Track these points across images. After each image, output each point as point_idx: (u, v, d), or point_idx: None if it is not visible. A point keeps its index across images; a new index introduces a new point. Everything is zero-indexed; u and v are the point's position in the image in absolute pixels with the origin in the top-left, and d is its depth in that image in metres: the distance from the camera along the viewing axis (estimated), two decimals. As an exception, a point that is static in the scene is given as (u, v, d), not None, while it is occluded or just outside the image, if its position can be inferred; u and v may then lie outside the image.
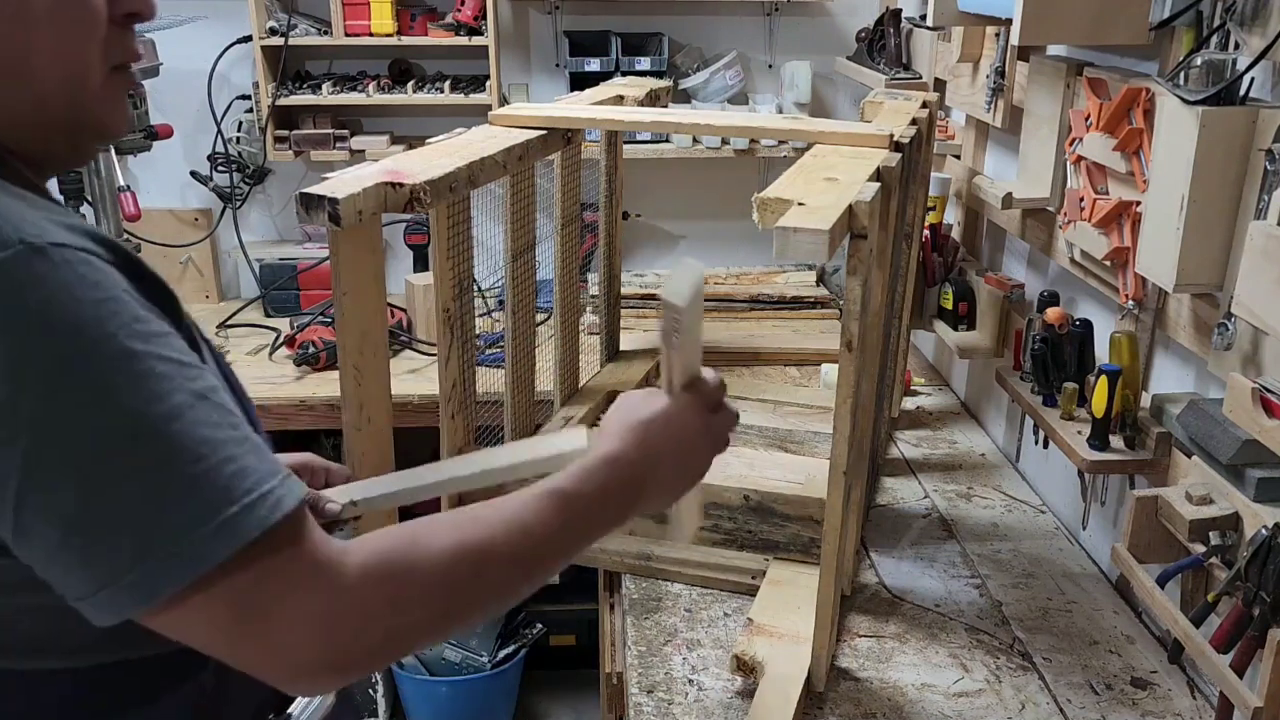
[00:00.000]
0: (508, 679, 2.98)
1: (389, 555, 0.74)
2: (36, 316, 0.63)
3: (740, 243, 3.12)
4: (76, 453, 0.64)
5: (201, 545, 0.66)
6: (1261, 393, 1.22)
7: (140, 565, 0.66)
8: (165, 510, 0.66)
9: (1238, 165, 1.34)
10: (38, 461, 0.64)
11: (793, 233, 1.12)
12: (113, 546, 0.65)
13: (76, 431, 0.64)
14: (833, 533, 1.38)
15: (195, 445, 0.67)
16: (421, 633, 0.76)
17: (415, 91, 2.84)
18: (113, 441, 0.65)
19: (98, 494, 0.65)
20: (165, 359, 0.68)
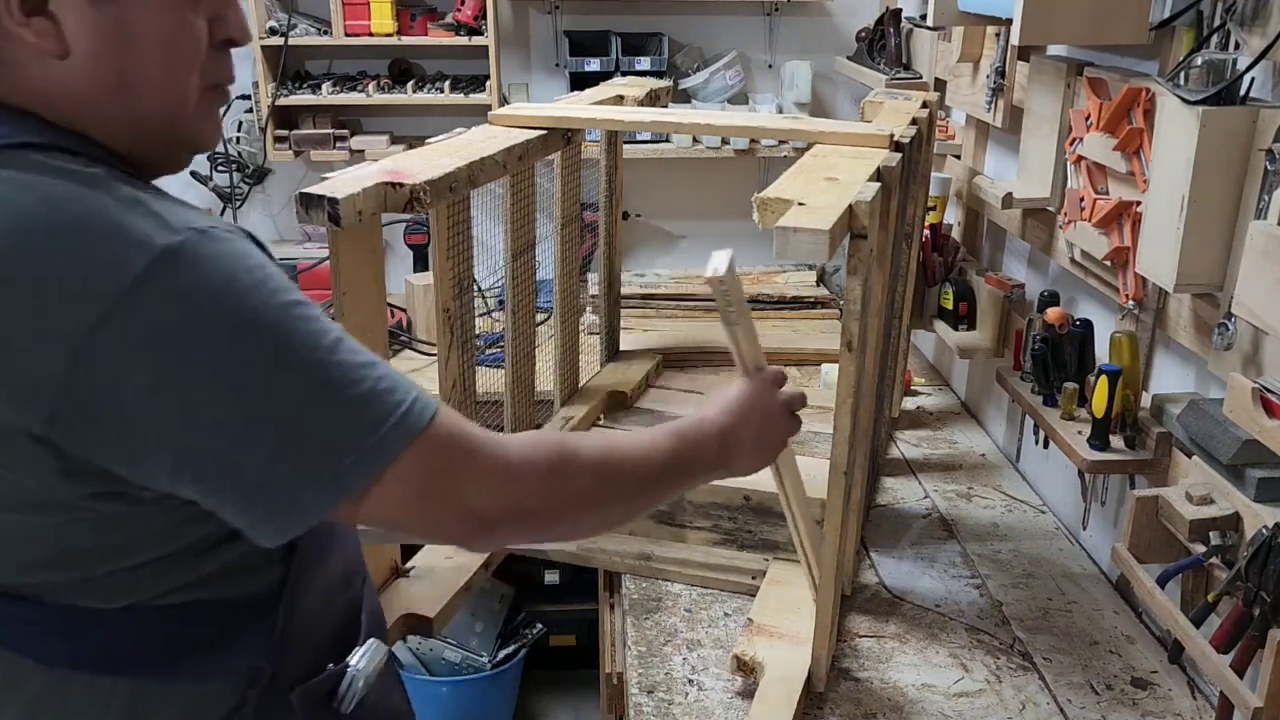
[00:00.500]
0: (508, 679, 2.98)
1: (545, 439, 0.91)
2: (221, 284, 0.74)
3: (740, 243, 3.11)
4: (277, 388, 0.76)
5: (397, 430, 0.79)
6: (1262, 393, 1.22)
7: (339, 462, 0.77)
8: (354, 416, 0.78)
9: (1238, 165, 1.34)
10: (249, 398, 0.75)
11: (793, 233, 1.12)
12: (315, 454, 0.77)
13: (274, 372, 0.75)
14: (833, 533, 1.38)
15: (361, 366, 0.80)
16: (573, 505, 0.92)
17: (415, 91, 2.84)
18: (302, 374, 0.77)
19: (298, 415, 0.77)
20: (311, 307, 0.80)
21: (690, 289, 2.92)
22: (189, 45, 0.82)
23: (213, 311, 0.73)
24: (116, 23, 0.78)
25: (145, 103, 0.81)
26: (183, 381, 0.73)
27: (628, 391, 2.18)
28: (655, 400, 2.23)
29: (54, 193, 0.73)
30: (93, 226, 0.72)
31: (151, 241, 0.73)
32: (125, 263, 0.71)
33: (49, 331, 0.71)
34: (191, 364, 0.73)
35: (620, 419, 2.13)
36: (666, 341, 2.52)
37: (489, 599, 3.00)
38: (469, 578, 1.61)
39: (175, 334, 0.72)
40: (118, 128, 0.81)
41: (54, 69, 0.78)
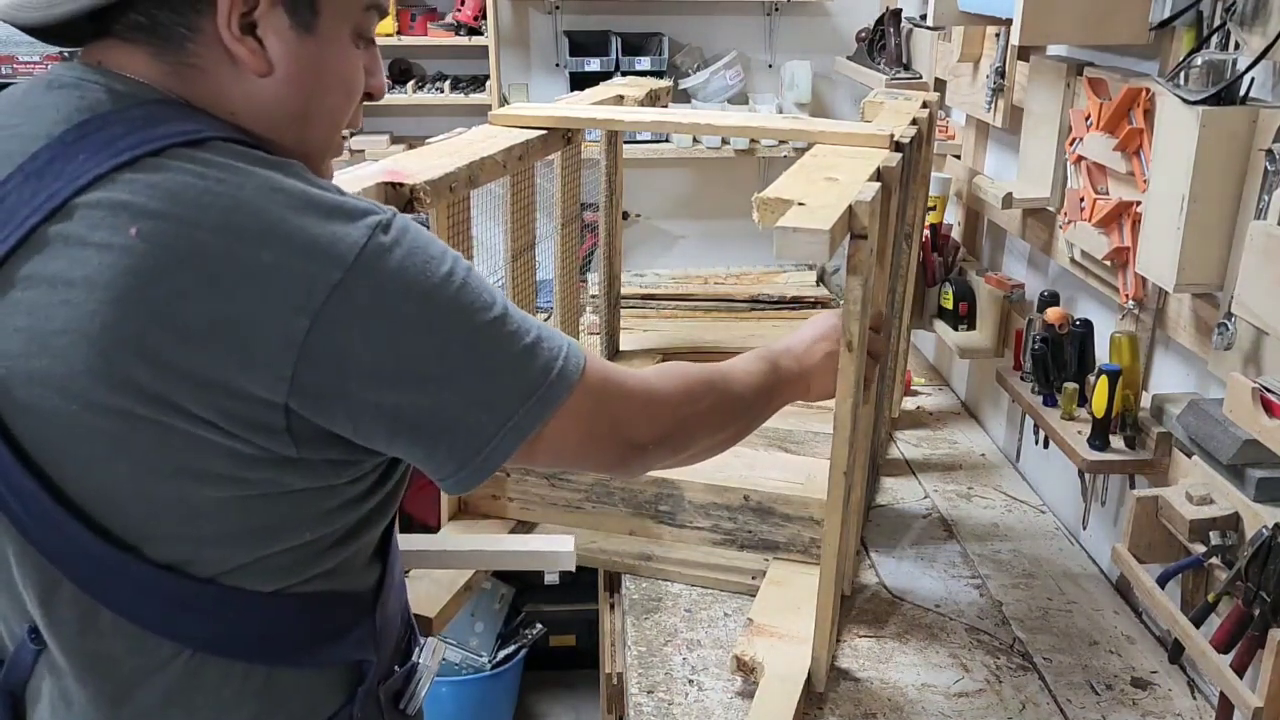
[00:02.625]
0: (508, 679, 2.98)
1: (673, 371, 1.05)
2: (423, 255, 0.83)
3: (740, 243, 3.12)
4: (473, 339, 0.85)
5: (562, 376, 0.89)
6: (1262, 393, 1.22)
7: (525, 403, 0.87)
8: (529, 366, 0.87)
9: (1238, 165, 1.34)
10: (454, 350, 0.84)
11: (793, 233, 1.12)
12: (506, 401, 0.86)
13: (470, 330, 0.85)
14: (833, 533, 1.38)
15: (525, 320, 0.89)
16: (701, 425, 1.06)
17: (415, 91, 2.84)
18: (491, 331, 0.86)
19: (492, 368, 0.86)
20: (476, 271, 0.89)
21: (690, 289, 2.92)
22: (355, 89, 0.93)
23: (419, 280, 0.82)
24: (314, 56, 0.87)
25: (313, 132, 0.91)
26: (400, 343, 0.81)
27: (628, 391, 2.18)
28: (655, 400, 2.23)
29: (270, 180, 0.80)
30: (315, 206, 0.80)
31: (366, 218, 0.81)
32: (349, 237, 0.79)
33: (290, 304, 0.77)
34: (407, 327, 0.81)
35: (620, 419, 2.13)
36: (666, 341, 2.52)
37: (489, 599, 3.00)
38: (469, 578, 1.61)
39: (392, 300, 0.80)
40: (283, 147, 0.88)
41: (250, 84, 0.85)
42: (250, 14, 0.83)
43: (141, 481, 0.80)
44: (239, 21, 0.82)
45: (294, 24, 0.85)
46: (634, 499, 1.73)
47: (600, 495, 1.74)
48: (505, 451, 0.87)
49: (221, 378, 0.77)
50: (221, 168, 0.79)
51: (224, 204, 0.77)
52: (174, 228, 0.76)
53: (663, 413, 1.00)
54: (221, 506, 0.82)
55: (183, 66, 0.84)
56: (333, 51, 0.89)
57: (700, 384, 1.06)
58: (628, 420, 0.97)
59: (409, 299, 0.81)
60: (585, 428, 0.92)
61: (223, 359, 0.76)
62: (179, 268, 0.76)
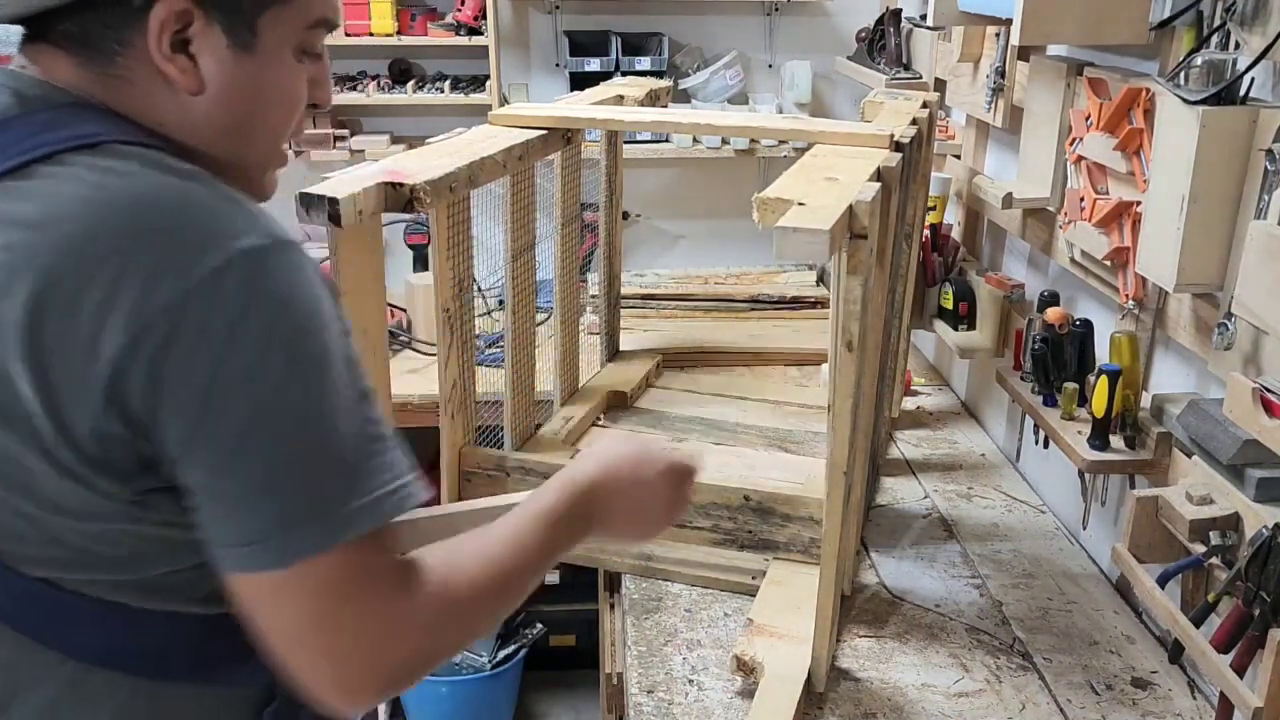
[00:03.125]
0: (508, 679, 2.98)
1: (442, 578, 0.84)
2: (287, 297, 0.76)
3: (740, 243, 3.12)
4: (290, 419, 0.76)
5: (348, 517, 0.78)
6: (1262, 393, 1.22)
7: (296, 526, 0.76)
8: (336, 482, 0.78)
9: (1238, 165, 1.34)
10: (260, 420, 0.75)
11: (793, 233, 1.12)
12: (285, 505, 0.76)
13: (292, 403, 0.76)
14: (833, 533, 1.38)
15: (369, 431, 0.80)
16: (454, 649, 0.88)
17: (415, 91, 2.84)
18: (311, 417, 0.77)
19: (291, 457, 0.76)
20: (350, 356, 0.81)
21: (690, 289, 2.92)
22: (297, 104, 0.90)
23: (268, 318, 0.75)
24: (252, 75, 0.84)
25: (251, 148, 0.89)
26: (219, 377, 0.74)
27: (628, 391, 2.18)
28: (655, 400, 2.23)
29: (158, 181, 0.77)
30: (179, 225, 0.76)
31: (237, 239, 0.75)
32: (208, 253, 0.74)
33: (121, 313, 0.73)
34: (230, 360, 0.74)
35: (620, 419, 2.13)
36: (666, 341, 2.52)
37: (489, 599, 3.00)
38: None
39: (227, 331, 0.74)
40: (216, 163, 0.86)
41: (182, 100, 0.83)
42: (184, 31, 0.80)
43: (11, 504, 0.78)
44: (170, 39, 0.80)
45: (231, 43, 0.82)
46: (634, 499, 1.72)
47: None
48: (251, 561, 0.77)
49: (48, 397, 0.74)
50: (97, 169, 0.77)
51: (85, 212, 0.75)
52: (36, 241, 0.74)
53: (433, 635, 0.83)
54: (77, 535, 0.79)
55: (109, 77, 0.82)
56: (273, 70, 0.86)
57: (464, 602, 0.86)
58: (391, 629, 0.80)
59: (249, 334, 0.74)
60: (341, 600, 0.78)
61: (51, 375, 0.74)
62: (33, 280, 0.73)
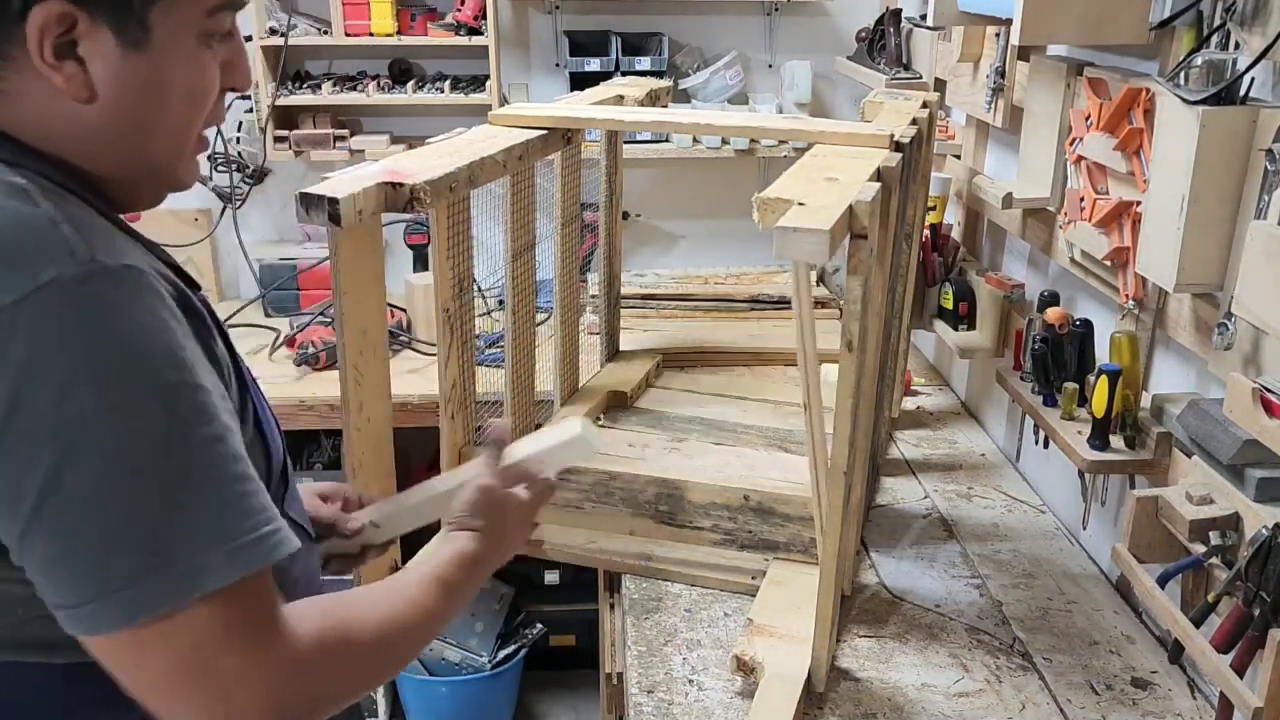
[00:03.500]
0: (508, 679, 2.98)
1: (333, 627, 0.80)
2: (98, 334, 0.69)
3: (740, 243, 3.12)
4: (104, 467, 0.69)
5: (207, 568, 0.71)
6: (1262, 393, 1.22)
7: (136, 583, 0.69)
8: (174, 534, 0.70)
9: (1238, 165, 1.34)
10: (68, 468, 0.68)
11: (793, 233, 1.12)
12: (114, 561, 0.69)
13: (109, 448, 0.69)
14: (832, 533, 1.38)
15: (211, 478, 0.72)
16: (345, 698, 0.83)
17: (415, 91, 2.84)
18: (138, 462, 0.69)
19: (112, 509, 0.69)
20: (196, 397, 0.73)
21: (690, 289, 2.92)
22: (204, 94, 0.83)
23: (68, 359, 0.68)
24: (147, 73, 0.78)
25: (153, 147, 0.82)
26: (13, 414, 0.67)
27: (628, 391, 2.18)
28: (655, 400, 2.23)
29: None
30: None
31: (45, 268, 0.68)
32: (11, 285, 0.68)
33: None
34: (26, 411, 0.67)
35: (620, 419, 2.13)
36: (666, 341, 2.52)
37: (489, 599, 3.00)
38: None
39: (21, 375, 0.67)
40: (112, 165, 0.81)
41: (71, 109, 0.77)
42: (68, 35, 0.74)
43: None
44: (53, 44, 0.73)
45: (120, 42, 0.76)
46: (634, 499, 1.72)
47: (600, 495, 1.74)
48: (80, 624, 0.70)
49: None
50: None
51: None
52: None
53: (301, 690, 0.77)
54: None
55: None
56: (170, 64, 0.79)
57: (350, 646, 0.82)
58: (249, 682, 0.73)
59: (43, 374, 0.67)
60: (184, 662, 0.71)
61: None
62: None
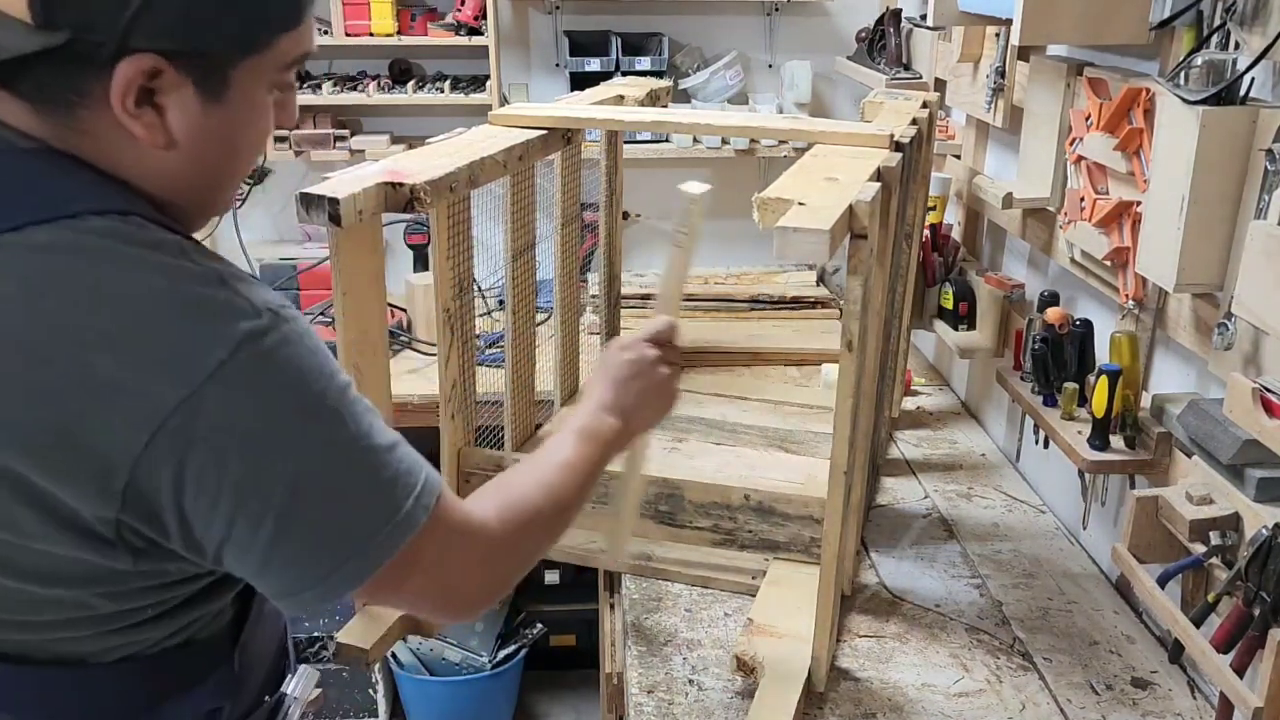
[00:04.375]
0: (508, 679, 2.98)
1: (509, 501, 0.95)
2: (295, 371, 0.77)
3: (740, 243, 3.12)
4: (325, 473, 0.79)
5: (406, 519, 0.82)
6: (1262, 393, 1.22)
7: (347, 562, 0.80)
8: (386, 498, 0.82)
9: (1238, 165, 1.34)
10: (302, 484, 0.77)
11: (793, 233, 1.12)
12: (353, 534, 0.80)
13: (329, 457, 0.79)
14: (833, 533, 1.38)
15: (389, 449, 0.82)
16: (536, 555, 0.99)
17: (415, 91, 2.84)
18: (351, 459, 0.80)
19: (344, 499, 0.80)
20: (355, 393, 0.82)
21: (690, 289, 2.92)
22: (266, 138, 0.87)
23: (282, 398, 0.76)
24: (224, 124, 0.80)
25: (220, 192, 0.87)
26: (246, 464, 0.75)
27: (628, 391, 2.18)
28: (655, 400, 2.23)
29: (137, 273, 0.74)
30: (180, 306, 0.74)
31: (236, 325, 0.74)
32: (210, 347, 0.73)
33: (127, 419, 0.72)
34: (256, 449, 0.75)
35: (620, 419, 2.13)
36: (666, 341, 2.51)
37: (489, 599, 3.00)
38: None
39: (244, 421, 0.74)
40: (175, 197, 0.83)
41: (147, 155, 0.78)
42: (151, 83, 0.75)
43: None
44: (136, 95, 0.75)
45: (201, 94, 0.78)
46: (634, 499, 1.72)
47: (600, 495, 1.74)
48: (339, 586, 0.81)
49: (59, 493, 0.73)
50: (85, 255, 0.73)
51: (76, 306, 0.72)
52: (21, 329, 0.72)
53: (506, 558, 0.95)
54: (61, 602, 0.79)
55: (67, 130, 0.77)
56: (245, 114, 0.82)
57: (541, 513, 0.98)
58: (473, 567, 0.90)
59: (268, 416, 0.75)
60: (428, 570, 0.86)
61: (61, 475, 0.72)
62: (23, 376, 0.71)
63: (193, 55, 0.76)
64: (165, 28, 0.73)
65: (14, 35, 0.71)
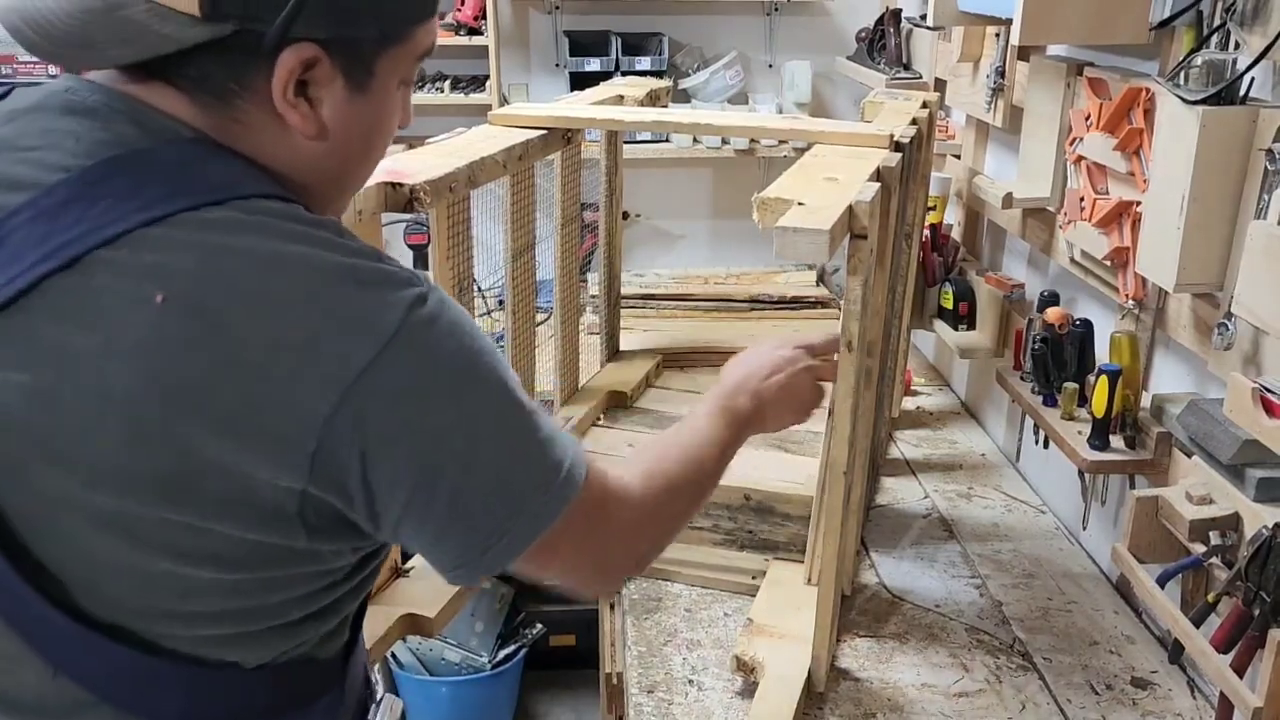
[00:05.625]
0: (508, 679, 2.98)
1: (652, 470, 0.96)
2: (458, 333, 0.78)
3: (740, 243, 3.12)
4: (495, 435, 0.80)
5: (570, 476, 0.83)
6: (1261, 393, 1.22)
7: (541, 496, 0.81)
8: (545, 458, 0.82)
9: (1238, 165, 1.34)
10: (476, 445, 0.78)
11: (793, 233, 1.12)
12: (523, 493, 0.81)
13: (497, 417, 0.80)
14: (832, 533, 1.38)
15: (539, 422, 0.83)
16: (679, 526, 1.00)
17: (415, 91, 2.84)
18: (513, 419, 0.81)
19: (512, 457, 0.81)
20: (501, 356, 0.83)
21: (690, 289, 2.92)
22: (394, 133, 0.88)
23: (452, 359, 0.78)
24: (366, 114, 0.83)
25: (355, 180, 0.89)
26: (430, 422, 0.76)
27: (628, 391, 2.18)
28: (655, 400, 2.23)
29: (307, 247, 0.75)
30: (352, 276, 0.75)
31: (406, 290, 0.76)
32: (388, 310, 0.75)
33: (319, 382, 0.72)
34: (440, 405, 0.77)
35: (620, 419, 2.13)
36: (666, 341, 2.52)
37: (489, 599, 3.00)
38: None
39: (426, 377, 0.76)
40: (320, 198, 0.85)
41: (297, 143, 0.80)
42: (307, 74, 0.77)
43: (134, 560, 0.75)
44: (295, 84, 0.77)
45: (348, 85, 0.80)
46: (634, 499, 1.72)
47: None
48: (512, 549, 0.82)
49: (243, 465, 0.72)
50: (257, 230, 0.74)
51: (257, 273, 0.73)
52: (202, 297, 0.71)
53: (651, 526, 0.96)
54: (216, 588, 0.77)
55: (223, 118, 0.78)
56: (382, 106, 0.84)
57: (682, 482, 0.99)
58: (621, 535, 0.91)
59: (442, 376, 0.77)
60: (580, 537, 0.86)
61: (248, 444, 0.72)
62: (206, 342, 0.71)
63: (345, 44, 0.78)
64: (322, 17, 0.76)
65: (181, 27, 0.73)
